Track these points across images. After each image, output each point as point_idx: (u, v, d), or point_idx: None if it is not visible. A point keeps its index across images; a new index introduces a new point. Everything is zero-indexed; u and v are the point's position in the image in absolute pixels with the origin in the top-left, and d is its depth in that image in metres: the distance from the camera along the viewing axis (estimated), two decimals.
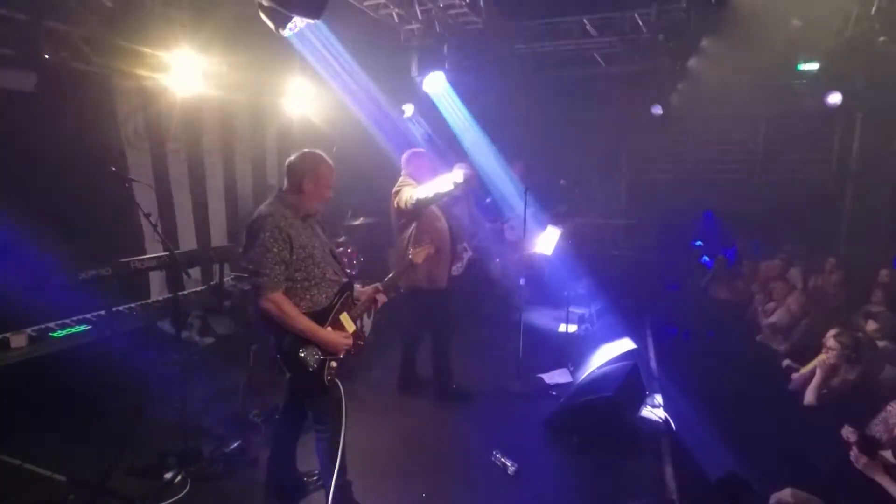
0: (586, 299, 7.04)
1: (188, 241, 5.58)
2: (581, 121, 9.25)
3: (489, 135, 8.01)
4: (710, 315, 6.63)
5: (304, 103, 6.06)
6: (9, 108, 3.92)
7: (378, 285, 3.22)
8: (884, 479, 2.77)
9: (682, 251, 9.21)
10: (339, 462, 2.84)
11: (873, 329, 4.70)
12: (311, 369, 2.75)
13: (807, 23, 6.34)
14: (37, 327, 3.44)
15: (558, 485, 3.65)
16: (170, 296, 4.36)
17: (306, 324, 2.73)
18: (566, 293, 6.16)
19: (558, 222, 6.64)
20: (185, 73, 4.45)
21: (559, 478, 3.72)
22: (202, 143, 5.82)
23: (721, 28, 5.81)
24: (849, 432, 3.09)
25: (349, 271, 3.15)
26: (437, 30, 6.70)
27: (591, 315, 6.64)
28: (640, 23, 6.90)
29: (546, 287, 7.22)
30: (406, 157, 4.58)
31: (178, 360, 3.61)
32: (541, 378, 5.16)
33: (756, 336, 5.66)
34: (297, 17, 3.52)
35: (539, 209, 7.48)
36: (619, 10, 7.00)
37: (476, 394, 4.78)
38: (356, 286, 3.16)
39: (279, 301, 2.69)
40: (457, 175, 3.99)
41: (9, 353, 3.13)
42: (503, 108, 8.50)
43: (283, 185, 2.93)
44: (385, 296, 3.23)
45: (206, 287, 4.95)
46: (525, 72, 8.19)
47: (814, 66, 7.11)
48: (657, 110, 8.39)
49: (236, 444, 3.64)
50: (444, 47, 6.69)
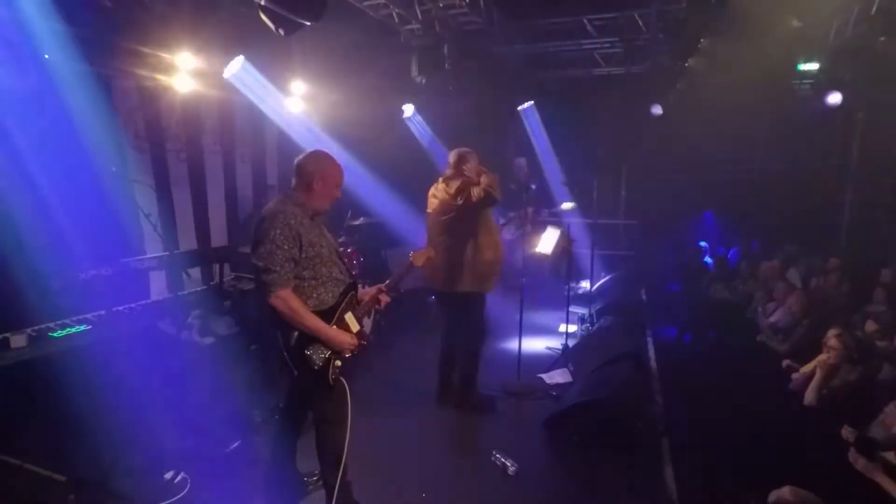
0: (586, 299, 7.04)
1: (188, 241, 5.57)
2: (581, 121, 9.25)
3: (489, 135, 8.02)
4: (710, 315, 6.62)
5: (305, 103, 6.05)
6: (9, 107, 3.92)
7: (381, 286, 3.21)
8: (883, 480, 2.77)
9: (682, 251, 9.20)
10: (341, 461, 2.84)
11: (874, 329, 4.70)
12: (316, 367, 2.76)
13: (807, 23, 6.34)
14: (37, 327, 3.42)
15: (558, 485, 3.64)
16: (170, 296, 4.36)
17: (314, 322, 2.74)
18: (566, 293, 6.16)
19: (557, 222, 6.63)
20: (185, 73, 4.45)
21: (559, 478, 3.72)
22: (202, 143, 5.82)
23: (721, 28, 5.81)
24: (848, 433, 3.09)
25: (354, 272, 3.14)
26: (437, 30, 6.70)
27: (591, 315, 6.64)
28: (640, 23, 6.90)
29: (546, 287, 7.22)
30: (460, 155, 4.35)
31: (177, 360, 3.60)
32: (541, 378, 5.16)
33: (756, 336, 5.65)
34: (297, 19, 3.52)
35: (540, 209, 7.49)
36: (619, 10, 7.01)
37: (496, 407, 4.60)
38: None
39: (288, 298, 2.69)
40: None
41: (9, 353, 3.12)
42: (503, 108, 8.50)
43: (291, 183, 2.94)
44: (388, 297, 3.22)
45: (206, 287, 4.94)
46: (525, 72, 8.19)
47: (814, 66, 7.11)
48: (657, 110, 8.40)
49: (236, 444, 3.64)
50: (444, 47, 6.68)
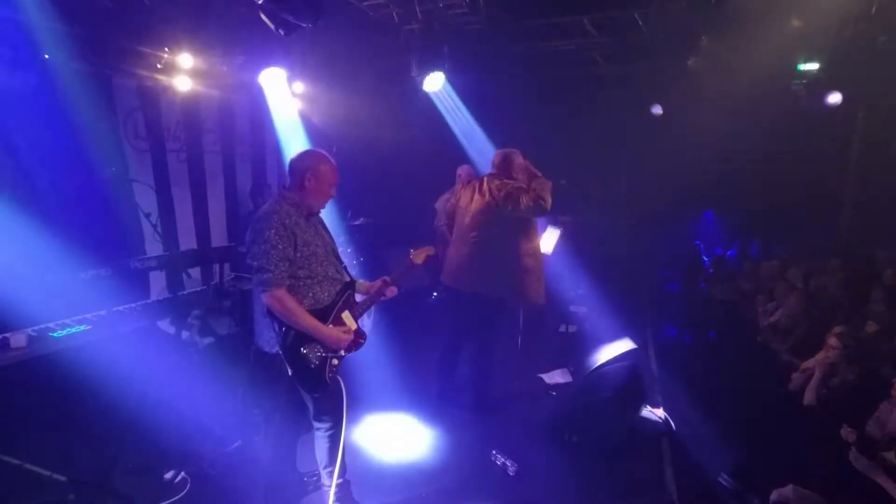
0: (586, 299, 7.03)
1: (188, 241, 5.58)
2: (581, 120, 9.24)
3: (489, 135, 8.00)
4: (710, 315, 6.62)
5: (304, 103, 6.06)
6: (9, 107, 3.92)
7: (386, 278, 3.20)
8: (884, 480, 2.77)
9: (682, 251, 9.20)
10: (339, 460, 2.84)
11: (874, 329, 4.70)
12: (312, 366, 2.76)
13: (807, 23, 6.33)
14: (37, 327, 3.43)
15: (558, 485, 3.64)
16: (170, 296, 4.36)
17: (309, 321, 2.74)
18: (566, 293, 6.15)
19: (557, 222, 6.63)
20: (185, 73, 4.45)
21: (559, 478, 3.72)
22: (202, 143, 5.83)
23: (721, 28, 5.81)
24: (848, 432, 3.09)
25: (350, 271, 3.14)
26: (437, 30, 6.69)
27: (591, 315, 6.64)
28: (640, 23, 6.89)
29: (545, 287, 7.19)
30: (504, 155, 4.29)
31: (177, 360, 3.60)
32: (541, 378, 5.16)
33: (756, 336, 5.65)
34: (295, 21, 3.52)
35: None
36: (618, 9, 6.99)
37: (496, 407, 4.59)
38: (361, 281, 3.17)
39: (283, 297, 2.70)
40: None
41: (9, 353, 3.12)
42: (503, 108, 8.49)
43: (286, 183, 2.96)
44: (395, 289, 3.20)
45: (206, 287, 4.95)
46: (525, 72, 8.18)
47: (814, 66, 7.10)
48: (657, 110, 8.39)
49: (236, 444, 3.64)
50: (445, 47, 6.68)
